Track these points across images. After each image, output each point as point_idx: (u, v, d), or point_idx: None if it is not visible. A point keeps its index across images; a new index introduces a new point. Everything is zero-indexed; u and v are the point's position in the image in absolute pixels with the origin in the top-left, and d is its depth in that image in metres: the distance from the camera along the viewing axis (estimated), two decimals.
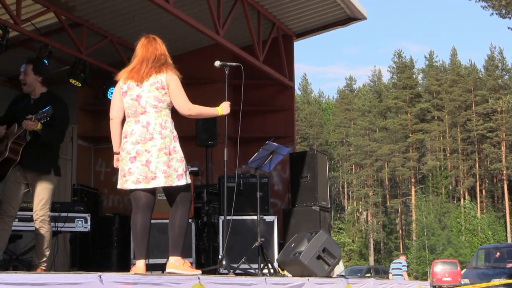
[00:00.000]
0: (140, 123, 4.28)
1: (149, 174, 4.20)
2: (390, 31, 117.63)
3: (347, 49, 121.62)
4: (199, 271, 4.24)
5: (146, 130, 4.25)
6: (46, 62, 8.78)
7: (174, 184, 4.24)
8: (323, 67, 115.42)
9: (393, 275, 16.74)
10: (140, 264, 4.21)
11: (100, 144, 10.88)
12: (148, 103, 4.28)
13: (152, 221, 7.68)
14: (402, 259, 17.34)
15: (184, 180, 4.26)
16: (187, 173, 4.32)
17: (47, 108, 4.96)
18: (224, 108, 4.58)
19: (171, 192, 4.32)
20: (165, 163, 4.21)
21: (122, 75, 4.43)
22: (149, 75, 4.33)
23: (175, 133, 4.32)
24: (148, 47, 4.49)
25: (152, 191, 4.33)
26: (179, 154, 4.28)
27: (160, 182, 4.22)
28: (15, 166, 4.99)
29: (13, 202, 5.01)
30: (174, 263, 4.24)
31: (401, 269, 16.66)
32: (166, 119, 4.30)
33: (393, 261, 18.08)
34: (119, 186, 4.34)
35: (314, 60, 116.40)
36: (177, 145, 4.29)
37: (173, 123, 4.36)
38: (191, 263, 4.60)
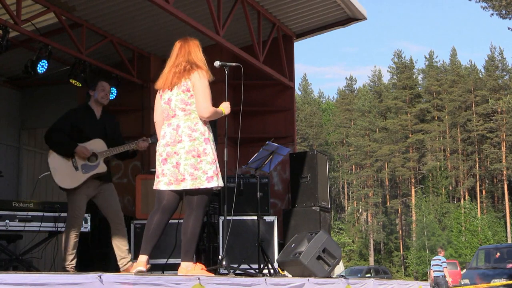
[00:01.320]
0: (171, 126, 4.37)
1: (179, 176, 4.28)
2: (390, 32, 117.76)
3: (346, 49, 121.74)
4: (212, 274, 4.25)
5: (176, 133, 4.33)
6: (46, 62, 8.80)
7: (203, 187, 4.27)
8: (322, 67, 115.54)
9: (433, 271, 15.98)
10: (142, 259, 4.25)
11: None
12: (177, 106, 4.38)
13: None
14: (441, 255, 16.45)
15: (214, 182, 4.29)
16: (219, 175, 4.33)
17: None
18: (225, 108, 4.60)
19: (192, 194, 4.33)
20: (192, 166, 4.26)
21: (159, 80, 4.60)
22: (178, 78, 4.41)
23: (207, 135, 4.35)
24: (178, 51, 4.54)
25: (180, 193, 4.38)
26: (209, 156, 4.30)
27: (187, 184, 4.27)
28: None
29: (83, 215, 5.52)
30: (186, 268, 4.27)
31: (441, 265, 15.83)
32: (196, 121, 4.35)
33: (433, 258, 17.14)
34: (154, 187, 4.45)
35: (313, 61, 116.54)
36: (208, 147, 4.31)
37: (207, 125, 4.40)
38: (203, 264, 4.59)
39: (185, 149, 4.27)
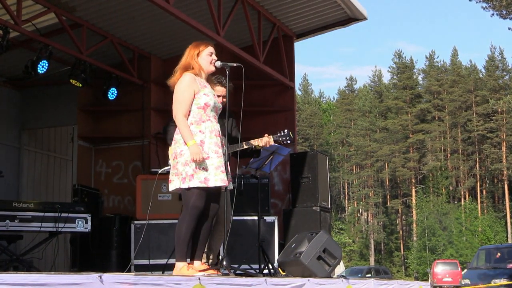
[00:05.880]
0: None
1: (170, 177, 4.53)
2: (389, 32, 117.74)
3: (344, 49, 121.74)
4: (199, 273, 4.25)
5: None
6: (46, 62, 8.79)
7: (177, 187, 4.43)
8: (319, 67, 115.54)
9: None
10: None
11: (100, 144, 10.88)
12: None
13: (153, 221, 7.76)
14: None
15: (186, 184, 4.35)
16: (194, 176, 4.35)
17: (287, 132, 5.40)
18: (192, 148, 4.34)
19: (182, 195, 4.50)
20: (173, 167, 4.46)
21: None
22: (174, 82, 4.56)
23: None
24: (183, 56, 4.68)
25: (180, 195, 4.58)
26: (183, 157, 4.36)
27: (173, 185, 4.48)
28: None
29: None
30: (176, 268, 4.41)
31: None
32: None
33: None
34: None
35: (311, 61, 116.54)
36: (185, 148, 4.38)
37: (201, 125, 4.45)
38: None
39: (170, 153, 4.53)
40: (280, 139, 5.45)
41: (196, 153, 4.30)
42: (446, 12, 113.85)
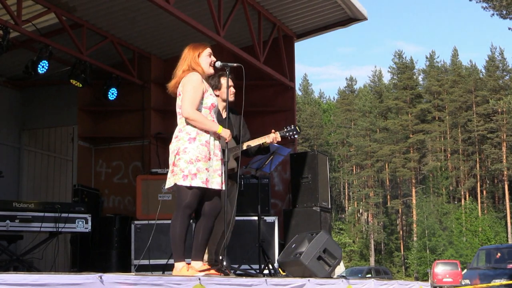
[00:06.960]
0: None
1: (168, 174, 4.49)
2: (388, 32, 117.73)
3: (344, 49, 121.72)
4: (199, 274, 4.25)
5: (173, 135, 4.52)
6: (46, 62, 8.79)
7: (178, 183, 4.35)
8: (318, 67, 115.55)
9: None
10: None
11: (100, 144, 10.89)
12: (176, 110, 4.54)
13: (153, 221, 7.75)
14: None
15: (187, 181, 4.32)
16: (197, 176, 4.33)
17: (294, 127, 5.44)
18: (224, 130, 4.57)
19: (177, 192, 4.44)
20: (172, 164, 4.40)
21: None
22: (177, 83, 4.54)
23: (193, 135, 4.40)
24: (181, 58, 4.64)
25: (176, 191, 4.49)
26: (189, 155, 4.34)
27: (169, 182, 4.43)
28: None
29: None
30: (175, 269, 4.38)
31: None
32: (185, 124, 4.44)
33: None
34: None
35: (310, 61, 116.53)
36: (190, 146, 4.36)
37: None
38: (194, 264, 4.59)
39: (171, 150, 4.45)
40: (287, 134, 5.46)
41: (230, 134, 4.58)
42: (446, 12, 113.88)
